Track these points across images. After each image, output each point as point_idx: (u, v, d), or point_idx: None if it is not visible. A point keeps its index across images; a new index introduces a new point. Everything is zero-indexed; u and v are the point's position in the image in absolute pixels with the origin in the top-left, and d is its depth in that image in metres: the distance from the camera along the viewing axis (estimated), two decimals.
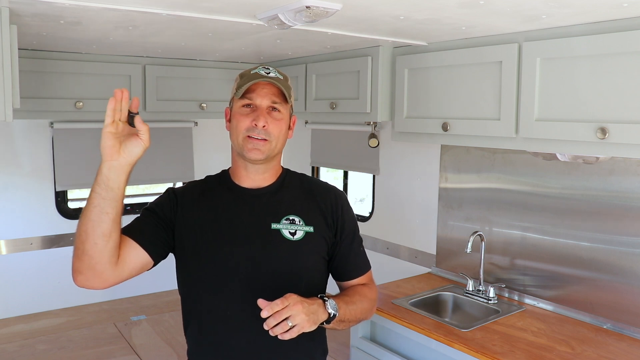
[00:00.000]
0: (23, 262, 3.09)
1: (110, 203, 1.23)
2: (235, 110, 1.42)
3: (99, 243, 1.24)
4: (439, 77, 2.20)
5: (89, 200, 1.24)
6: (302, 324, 1.20)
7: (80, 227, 1.26)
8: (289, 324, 1.19)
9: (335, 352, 2.58)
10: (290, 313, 1.19)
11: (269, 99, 1.40)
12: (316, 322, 1.25)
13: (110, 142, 1.22)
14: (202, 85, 3.14)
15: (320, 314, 1.27)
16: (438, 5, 1.58)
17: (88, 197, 1.25)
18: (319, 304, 1.28)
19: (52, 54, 2.71)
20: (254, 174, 1.45)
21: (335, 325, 1.34)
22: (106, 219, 1.23)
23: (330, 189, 1.54)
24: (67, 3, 1.59)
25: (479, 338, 1.95)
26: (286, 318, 1.19)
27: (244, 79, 1.42)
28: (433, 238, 2.77)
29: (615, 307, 2.05)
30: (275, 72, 1.43)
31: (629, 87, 1.61)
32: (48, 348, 2.70)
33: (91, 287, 1.30)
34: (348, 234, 1.50)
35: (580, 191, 2.15)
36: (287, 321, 1.19)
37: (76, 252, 1.27)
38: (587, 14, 1.61)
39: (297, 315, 1.19)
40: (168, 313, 3.10)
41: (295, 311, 1.19)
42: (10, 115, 1.70)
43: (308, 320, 1.21)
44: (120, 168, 1.24)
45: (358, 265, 1.53)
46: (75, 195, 3.69)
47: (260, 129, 1.37)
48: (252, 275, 1.38)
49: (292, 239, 1.41)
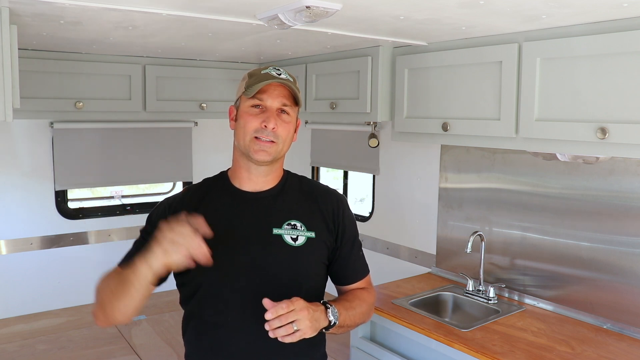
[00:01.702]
0: (23, 262, 3.09)
1: (145, 292, 1.26)
2: (244, 109, 1.39)
3: (129, 312, 1.29)
4: (439, 77, 2.20)
5: (124, 284, 1.25)
6: (305, 330, 1.21)
7: (111, 295, 1.29)
8: (294, 328, 1.19)
9: (335, 352, 2.58)
10: (296, 317, 1.19)
11: (279, 101, 1.37)
12: (317, 329, 1.25)
13: (166, 263, 1.22)
14: (202, 85, 3.14)
15: (321, 320, 1.27)
16: (438, 5, 1.57)
17: (122, 277, 1.27)
18: (322, 310, 1.29)
19: (52, 54, 2.71)
20: (257, 176, 1.42)
21: (334, 331, 1.34)
22: (139, 298, 1.27)
23: (331, 192, 1.53)
24: (67, 3, 1.59)
25: (479, 338, 1.95)
26: (292, 322, 1.19)
27: (253, 78, 1.39)
28: (433, 238, 2.77)
29: (615, 307, 2.05)
30: (286, 73, 1.40)
31: (629, 87, 1.61)
32: (48, 348, 2.71)
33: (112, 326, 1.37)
34: (349, 239, 1.49)
35: (580, 191, 2.15)
36: (292, 325, 1.19)
37: (100, 306, 1.32)
38: (587, 14, 1.61)
39: (302, 321, 1.20)
40: (168, 313, 3.11)
41: (302, 316, 1.20)
42: (10, 115, 1.70)
43: (311, 327, 1.22)
44: (160, 273, 1.25)
45: (357, 270, 1.52)
46: (75, 195, 3.70)
47: (270, 131, 1.35)
48: (254, 280, 1.37)
49: (293, 245, 1.39)
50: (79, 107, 2.79)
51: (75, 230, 3.26)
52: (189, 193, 1.48)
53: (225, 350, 1.38)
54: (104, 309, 1.30)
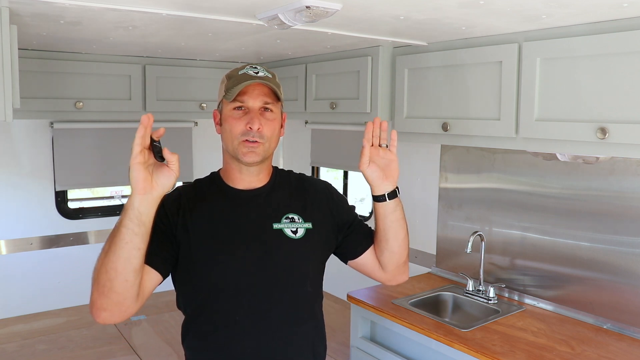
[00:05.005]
0: (23, 262, 3.09)
1: (142, 238, 1.16)
2: (227, 113, 1.39)
3: (130, 279, 1.17)
4: (439, 77, 2.20)
5: (117, 236, 1.14)
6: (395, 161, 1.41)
7: (108, 264, 1.15)
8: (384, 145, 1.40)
9: (335, 352, 2.58)
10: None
11: (260, 100, 1.37)
12: (392, 177, 1.41)
13: (142, 175, 1.13)
14: (202, 85, 3.14)
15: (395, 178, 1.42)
16: (438, 5, 1.57)
17: (115, 232, 1.15)
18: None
19: (52, 54, 2.71)
20: (249, 175, 1.43)
21: (394, 207, 1.42)
22: (138, 254, 1.16)
23: (317, 181, 1.59)
24: (67, 3, 1.59)
25: (479, 338, 1.95)
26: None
27: (232, 80, 1.38)
28: (433, 238, 2.77)
29: (615, 307, 2.05)
30: (263, 70, 1.40)
31: (629, 87, 1.61)
32: (48, 348, 2.70)
33: (113, 322, 1.23)
34: (349, 214, 1.54)
35: (580, 191, 2.15)
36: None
37: (101, 289, 1.16)
38: (587, 14, 1.61)
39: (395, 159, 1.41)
40: (168, 313, 3.11)
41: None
42: (10, 115, 1.69)
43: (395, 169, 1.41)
44: (152, 201, 1.16)
45: (369, 233, 1.54)
46: (75, 195, 3.70)
47: (255, 132, 1.35)
48: (261, 277, 1.37)
49: (295, 237, 1.41)
50: (78, 107, 2.79)
51: (75, 230, 3.26)
52: (183, 190, 1.45)
53: (234, 349, 1.37)
54: (109, 290, 1.16)
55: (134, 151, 1.12)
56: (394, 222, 1.42)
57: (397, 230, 1.44)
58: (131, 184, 1.14)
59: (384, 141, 1.41)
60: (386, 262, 1.48)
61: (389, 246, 1.45)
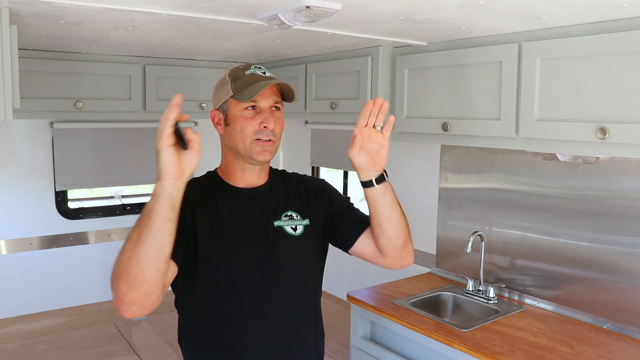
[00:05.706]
0: (23, 262, 3.08)
1: (174, 224, 1.11)
2: (237, 113, 1.38)
3: (162, 269, 1.12)
4: (439, 77, 2.20)
5: (149, 224, 1.08)
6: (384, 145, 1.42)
7: (140, 254, 1.09)
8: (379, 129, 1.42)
9: (335, 352, 2.58)
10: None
11: (272, 100, 1.40)
12: (380, 163, 1.44)
13: (174, 158, 1.08)
14: (202, 85, 3.14)
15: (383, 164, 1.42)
16: (438, 5, 1.57)
17: (145, 220, 1.09)
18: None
19: (52, 54, 2.71)
20: (251, 174, 1.44)
21: (383, 191, 1.41)
22: (170, 242, 1.12)
23: (310, 178, 1.61)
24: (67, 3, 1.59)
25: (479, 338, 1.95)
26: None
27: (241, 81, 1.38)
28: (433, 238, 2.77)
29: (615, 307, 2.05)
30: (268, 71, 1.43)
31: (629, 87, 1.61)
32: (48, 348, 2.71)
33: (141, 316, 1.17)
34: (341, 204, 1.56)
35: (580, 191, 2.15)
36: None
37: (131, 282, 1.10)
38: (587, 14, 1.61)
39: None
40: (168, 313, 3.10)
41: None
42: (10, 115, 1.69)
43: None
44: (183, 185, 1.12)
45: (363, 219, 1.54)
46: (75, 195, 3.70)
47: (269, 131, 1.37)
48: (262, 274, 1.38)
49: (295, 234, 1.43)
50: (78, 107, 2.79)
51: (75, 230, 3.25)
52: (187, 190, 1.46)
53: (235, 350, 1.37)
54: (140, 282, 1.10)
55: (165, 133, 1.08)
56: (385, 207, 1.41)
57: (390, 215, 1.42)
58: (161, 169, 1.09)
59: (379, 122, 1.41)
60: (384, 247, 1.47)
61: (383, 231, 1.44)
